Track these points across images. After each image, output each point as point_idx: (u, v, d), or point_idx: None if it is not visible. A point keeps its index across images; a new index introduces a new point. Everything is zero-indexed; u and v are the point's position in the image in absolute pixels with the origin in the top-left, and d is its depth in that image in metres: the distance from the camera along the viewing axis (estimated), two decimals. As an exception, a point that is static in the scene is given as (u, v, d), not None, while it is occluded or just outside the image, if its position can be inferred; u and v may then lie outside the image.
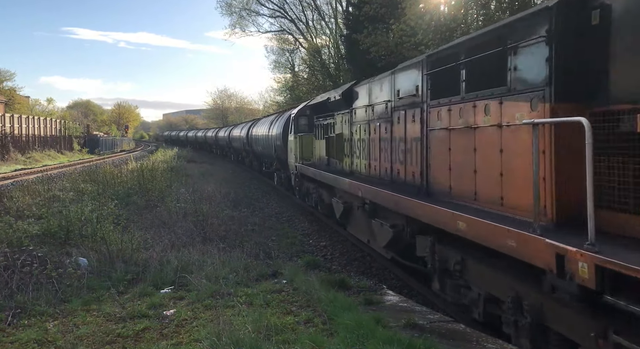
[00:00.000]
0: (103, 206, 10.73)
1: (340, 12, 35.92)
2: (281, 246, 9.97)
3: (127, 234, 8.55)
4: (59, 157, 42.58)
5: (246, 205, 15.03)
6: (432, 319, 5.28)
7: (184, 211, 11.11)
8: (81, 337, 4.81)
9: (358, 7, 24.14)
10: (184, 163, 30.39)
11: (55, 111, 73.14)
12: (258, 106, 70.15)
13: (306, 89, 38.59)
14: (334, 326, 4.83)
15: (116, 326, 5.08)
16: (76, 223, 8.85)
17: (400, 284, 7.81)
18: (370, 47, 19.35)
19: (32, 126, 43.29)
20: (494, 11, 15.45)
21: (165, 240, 8.50)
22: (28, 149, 39.72)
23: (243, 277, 6.69)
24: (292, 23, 40.92)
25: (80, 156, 47.48)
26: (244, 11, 42.12)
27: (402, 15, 16.84)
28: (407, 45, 16.59)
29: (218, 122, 76.84)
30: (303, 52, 41.71)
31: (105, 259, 7.17)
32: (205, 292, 5.97)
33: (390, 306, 5.78)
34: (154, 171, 18.63)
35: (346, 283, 6.60)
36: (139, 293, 6.08)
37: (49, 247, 7.81)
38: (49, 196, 13.13)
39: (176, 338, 4.73)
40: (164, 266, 7.00)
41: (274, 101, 51.69)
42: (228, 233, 9.87)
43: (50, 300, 5.74)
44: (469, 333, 4.90)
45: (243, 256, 7.82)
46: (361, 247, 10.09)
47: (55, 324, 5.17)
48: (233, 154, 38.18)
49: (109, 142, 67.05)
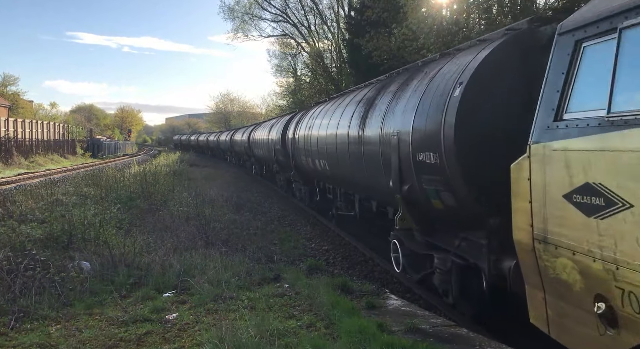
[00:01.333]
0: (106, 210, 10.75)
1: (342, 16, 36.04)
2: (283, 250, 9.96)
3: (129, 238, 8.56)
4: (62, 161, 42.73)
5: (248, 209, 15.05)
6: (434, 324, 5.26)
7: (187, 215, 11.12)
8: (84, 341, 4.82)
9: (360, 11, 24.21)
10: (187, 167, 30.47)
11: (58, 115, 73.63)
12: (260, 109, 70.39)
13: (308, 93, 38.67)
14: (336, 330, 4.83)
15: (119, 330, 5.08)
16: (79, 227, 8.87)
17: (403, 288, 7.80)
18: (372, 51, 19.41)
19: (36, 130, 43.45)
20: (496, 15, 15.48)
21: (168, 244, 8.51)
22: (31, 153, 39.87)
23: (245, 281, 6.69)
24: (295, 27, 41.11)
25: (83, 160, 47.62)
26: (246, 16, 42.37)
27: (404, 19, 16.88)
28: (409, 49, 16.63)
29: (220, 126, 76.98)
30: (305, 56, 41.89)
31: (108, 263, 7.18)
32: (208, 296, 5.97)
33: (392, 310, 5.77)
34: (157, 174, 18.67)
35: (348, 287, 6.59)
36: (142, 297, 6.08)
37: (52, 251, 7.82)
38: (52, 200, 13.16)
39: (178, 342, 4.74)
40: (167, 269, 7.01)
41: (276, 104, 51.83)
42: (230, 237, 9.87)
43: (53, 304, 5.75)
44: (472, 337, 4.89)
45: (245, 260, 7.83)
46: (363, 252, 10.09)
47: (58, 328, 5.18)
48: (235, 158, 38.26)
49: (112, 146, 67.31)
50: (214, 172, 29.29)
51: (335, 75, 36.12)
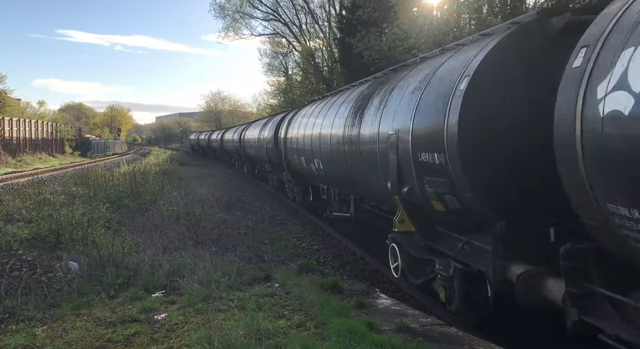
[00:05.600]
0: (94, 209, 10.65)
1: (333, 15, 36.05)
2: (274, 250, 9.93)
3: (118, 237, 8.48)
4: (51, 161, 42.25)
5: (239, 208, 14.98)
6: (424, 323, 5.27)
7: (177, 215, 11.04)
8: (70, 342, 4.75)
9: (351, 10, 24.23)
10: (177, 166, 30.30)
11: (46, 113, 72.67)
12: (252, 108, 70.13)
13: (300, 92, 38.62)
14: (326, 330, 4.82)
15: (106, 330, 5.02)
16: (67, 227, 8.76)
17: (393, 288, 7.81)
18: (363, 50, 19.43)
19: (23, 128, 42.93)
20: (486, 15, 15.58)
21: (157, 244, 8.44)
22: (19, 152, 39.37)
23: (235, 281, 6.65)
24: (286, 26, 41.04)
25: (72, 159, 47.11)
26: (237, 14, 42.24)
27: (395, 19, 16.93)
28: (400, 49, 16.67)
29: (211, 125, 76.57)
30: (297, 55, 41.87)
31: (96, 263, 7.11)
32: (197, 296, 5.93)
33: (382, 310, 5.77)
34: (146, 174, 18.53)
35: (339, 287, 6.58)
36: (130, 297, 6.02)
37: (39, 251, 7.72)
38: (39, 200, 13.00)
39: (167, 343, 4.69)
40: (156, 270, 6.95)
41: (267, 103, 51.69)
42: (221, 237, 9.82)
43: (39, 305, 5.67)
44: (461, 336, 4.90)
45: (235, 260, 7.78)
46: (353, 251, 10.09)
47: (44, 329, 5.11)
48: (226, 157, 38.10)
49: (101, 145, 66.63)
50: (205, 171, 29.16)
51: (327, 74, 36.12)
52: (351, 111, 8.93)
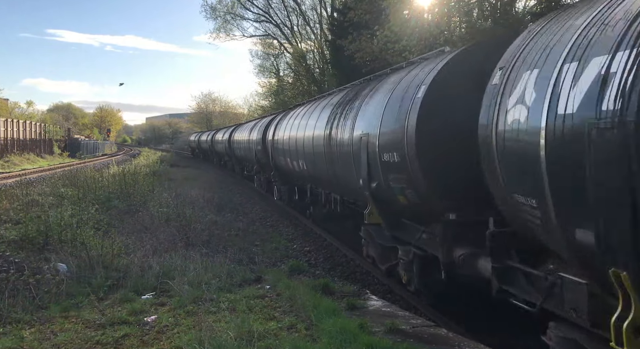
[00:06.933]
0: (83, 210, 10.54)
1: (325, 17, 36.12)
2: (265, 251, 9.91)
3: (107, 239, 8.40)
4: (39, 161, 41.77)
5: (230, 210, 14.94)
6: (414, 324, 5.30)
7: (167, 216, 10.97)
8: (58, 344, 4.71)
9: (343, 13, 24.29)
10: (167, 167, 30.13)
11: (35, 113, 71.88)
12: (243, 110, 69.95)
13: (291, 93, 38.60)
14: (317, 331, 4.82)
15: (95, 333, 4.99)
16: (55, 228, 8.67)
17: (383, 289, 7.83)
18: (354, 52, 19.46)
19: (11, 128, 42.37)
20: (476, 19, 15.71)
21: (147, 245, 8.38)
22: (6, 153, 38.88)
23: (226, 282, 6.63)
24: (277, 28, 41.00)
25: (60, 159, 46.62)
26: (229, 15, 42.09)
27: (386, 21, 16.99)
28: (391, 51, 16.73)
29: (202, 126, 76.22)
30: (288, 56, 41.85)
31: (85, 264, 7.04)
32: (188, 298, 5.90)
33: (373, 311, 5.79)
34: (136, 175, 18.41)
35: (330, 288, 6.59)
36: (120, 299, 5.98)
37: (27, 253, 7.64)
38: (27, 201, 12.83)
39: (157, 345, 4.67)
40: (146, 271, 6.91)
41: (258, 105, 51.56)
42: (211, 238, 9.78)
43: (27, 307, 5.61)
44: (451, 337, 4.94)
45: (226, 261, 7.75)
46: (345, 253, 10.10)
47: (32, 332, 5.05)
48: (216, 158, 37.94)
49: (90, 146, 66.05)
50: (196, 172, 29.03)
51: (318, 76, 36.16)
52: (331, 115, 9.67)
